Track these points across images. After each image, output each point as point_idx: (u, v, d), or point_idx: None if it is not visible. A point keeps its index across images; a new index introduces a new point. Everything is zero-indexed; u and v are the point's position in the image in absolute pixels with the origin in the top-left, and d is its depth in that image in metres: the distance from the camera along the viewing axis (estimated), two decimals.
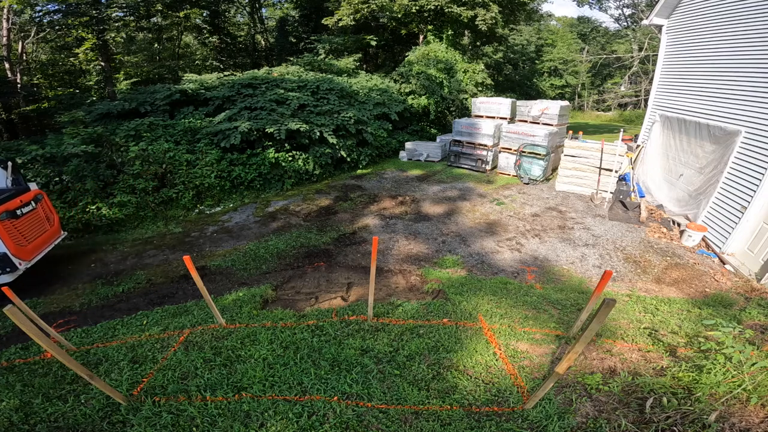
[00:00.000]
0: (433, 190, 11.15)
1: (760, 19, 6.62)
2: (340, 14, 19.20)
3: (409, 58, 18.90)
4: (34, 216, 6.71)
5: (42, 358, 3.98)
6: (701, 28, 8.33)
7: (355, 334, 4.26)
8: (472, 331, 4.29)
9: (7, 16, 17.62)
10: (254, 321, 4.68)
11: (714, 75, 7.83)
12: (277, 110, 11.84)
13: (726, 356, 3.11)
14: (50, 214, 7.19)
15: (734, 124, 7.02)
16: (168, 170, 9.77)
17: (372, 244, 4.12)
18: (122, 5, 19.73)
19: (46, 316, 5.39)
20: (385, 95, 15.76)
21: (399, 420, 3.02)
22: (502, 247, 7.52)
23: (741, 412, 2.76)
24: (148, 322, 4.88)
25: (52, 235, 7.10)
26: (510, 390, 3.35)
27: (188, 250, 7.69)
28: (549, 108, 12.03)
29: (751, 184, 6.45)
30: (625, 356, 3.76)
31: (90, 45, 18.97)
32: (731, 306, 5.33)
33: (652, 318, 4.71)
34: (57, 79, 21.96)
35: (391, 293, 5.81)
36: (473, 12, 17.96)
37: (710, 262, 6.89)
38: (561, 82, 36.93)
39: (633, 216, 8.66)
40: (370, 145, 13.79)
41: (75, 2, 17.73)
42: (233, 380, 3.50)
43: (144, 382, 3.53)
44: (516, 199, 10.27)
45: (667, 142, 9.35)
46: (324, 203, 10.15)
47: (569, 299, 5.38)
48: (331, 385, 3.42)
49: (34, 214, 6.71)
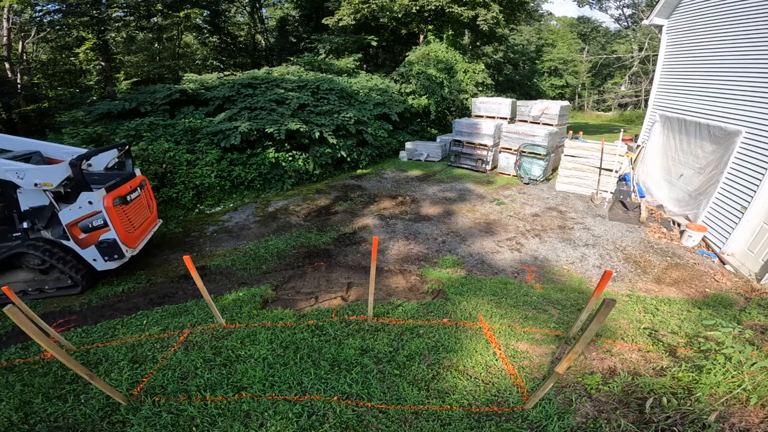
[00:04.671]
0: (433, 190, 11.15)
1: (760, 19, 6.62)
2: (340, 14, 19.20)
3: (409, 58, 18.89)
4: (140, 202, 6.74)
5: (42, 358, 3.98)
6: (701, 28, 8.33)
7: (355, 334, 4.26)
8: (472, 331, 4.29)
9: (8, 16, 17.62)
10: (254, 321, 4.68)
11: (714, 75, 7.83)
12: (277, 110, 11.84)
13: (726, 356, 3.11)
14: (150, 201, 7.18)
15: (734, 124, 7.02)
16: (168, 170, 9.77)
17: (372, 244, 4.12)
18: (122, 5, 19.74)
19: (46, 316, 5.39)
20: (386, 95, 15.75)
21: (399, 420, 3.02)
22: (502, 247, 7.52)
23: (741, 412, 2.76)
24: (148, 322, 4.88)
25: (152, 222, 7.09)
26: (510, 390, 3.35)
27: (188, 249, 7.69)
28: (549, 108, 12.03)
29: (751, 184, 6.45)
30: (625, 356, 3.76)
31: (90, 45, 18.99)
32: (731, 306, 5.33)
33: (652, 318, 4.71)
34: (57, 78, 21.96)
35: (391, 293, 5.81)
36: (474, 12, 17.95)
37: (710, 263, 6.89)
38: (561, 82, 36.91)
39: (633, 216, 8.66)
40: (370, 145, 13.79)
41: (75, 2, 17.74)
42: (233, 380, 3.50)
43: (144, 382, 3.53)
44: (516, 199, 10.27)
45: (668, 142, 9.35)
46: (324, 203, 10.15)
47: (569, 299, 5.38)
48: (331, 385, 3.42)
49: (140, 201, 6.73)
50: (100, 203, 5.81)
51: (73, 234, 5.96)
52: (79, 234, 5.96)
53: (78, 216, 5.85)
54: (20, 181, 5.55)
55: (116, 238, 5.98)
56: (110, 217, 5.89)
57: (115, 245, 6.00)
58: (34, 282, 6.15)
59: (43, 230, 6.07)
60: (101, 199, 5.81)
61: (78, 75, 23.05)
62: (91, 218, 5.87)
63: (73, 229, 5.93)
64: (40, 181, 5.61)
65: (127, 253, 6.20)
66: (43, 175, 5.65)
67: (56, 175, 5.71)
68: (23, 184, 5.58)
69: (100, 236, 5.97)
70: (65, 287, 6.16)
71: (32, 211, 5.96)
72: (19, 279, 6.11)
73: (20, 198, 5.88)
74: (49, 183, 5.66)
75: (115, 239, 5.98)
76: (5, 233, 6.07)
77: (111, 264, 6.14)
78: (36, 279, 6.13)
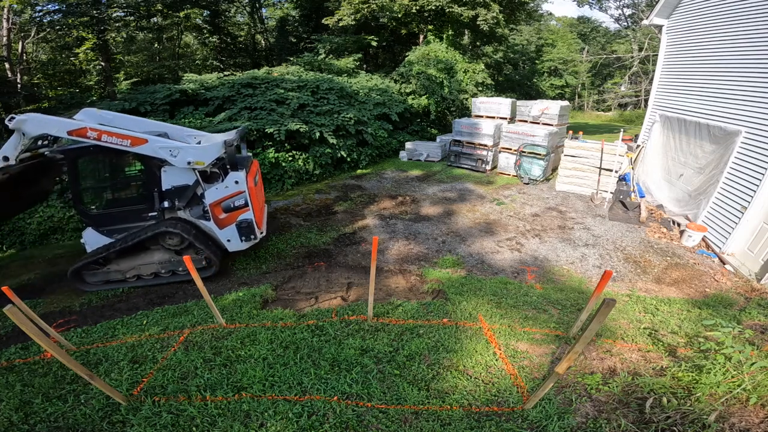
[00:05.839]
0: (433, 190, 11.15)
1: (760, 19, 6.62)
2: (340, 14, 19.19)
3: (409, 58, 18.89)
4: (261, 185, 6.88)
5: (42, 358, 3.98)
6: (701, 28, 8.33)
7: (355, 334, 4.25)
8: (472, 331, 4.29)
9: (7, 16, 17.60)
10: (254, 321, 4.68)
11: (714, 75, 7.83)
12: (276, 110, 11.84)
13: (726, 356, 3.11)
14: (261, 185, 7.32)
15: (734, 124, 7.02)
16: None
17: (372, 244, 4.12)
18: (122, 5, 19.72)
19: (46, 316, 5.38)
20: (386, 95, 15.75)
21: (399, 420, 3.02)
22: (502, 247, 7.52)
23: (741, 412, 2.76)
24: (148, 322, 4.87)
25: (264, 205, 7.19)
26: (510, 390, 3.35)
27: None
28: (549, 108, 12.03)
29: (751, 184, 6.45)
30: (625, 356, 3.76)
31: (90, 45, 18.96)
32: (731, 306, 5.33)
33: (652, 318, 4.71)
34: (57, 78, 21.92)
35: (391, 293, 5.81)
36: (474, 12, 17.95)
37: (710, 262, 6.89)
38: (561, 82, 36.89)
39: (633, 216, 8.66)
40: (370, 145, 13.79)
41: (75, 2, 17.72)
42: (233, 380, 3.50)
43: (144, 382, 3.53)
44: (516, 199, 10.27)
45: (667, 142, 9.35)
46: (324, 203, 10.14)
47: (569, 299, 5.38)
48: (331, 385, 3.42)
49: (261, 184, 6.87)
50: (244, 183, 5.92)
51: (214, 214, 6.01)
52: (220, 214, 6.02)
53: (223, 195, 5.93)
54: (173, 159, 5.56)
55: (252, 218, 6.08)
56: (250, 198, 6.02)
57: (251, 226, 6.11)
58: (169, 263, 6.21)
59: (182, 210, 6.07)
60: (245, 180, 5.91)
61: (78, 75, 23.02)
62: (233, 198, 5.96)
63: (215, 208, 5.99)
64: (193, 159, 5.64)
65: (258, 235, 6.31)
66: (197, 154, 5.68)
67: (209, 154, 5.76)
68: (176, 162, 5.59)
69: (238, 217, 6.04)
70: (199, 269, 6.19)
71: (174, 191, 5.96)
72: (154, 260, 6.16)
73: (163, 176, 5.88)
74: (201, 162, 5.69)
75: (252, 220, 6.08)
76: (140, 212, 6.08)
77: (244, 245, 6.23)
78: (172, 260, 6.18)
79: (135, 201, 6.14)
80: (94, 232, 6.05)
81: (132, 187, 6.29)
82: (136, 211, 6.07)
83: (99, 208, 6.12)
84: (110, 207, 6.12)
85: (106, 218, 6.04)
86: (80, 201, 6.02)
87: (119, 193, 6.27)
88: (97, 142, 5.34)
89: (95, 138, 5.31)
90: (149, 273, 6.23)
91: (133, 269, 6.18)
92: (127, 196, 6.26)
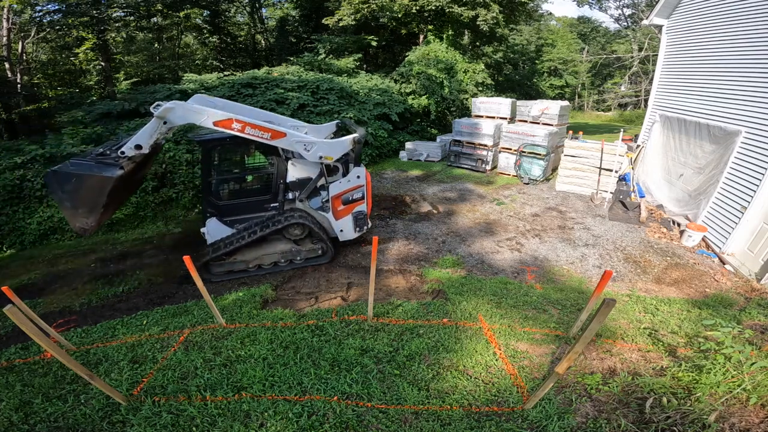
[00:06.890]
0: (433, 190, 11.15)
1: (760, 19, 6.62)
2: (340, 14, 19.19)
3: (409, 58, 18.88)
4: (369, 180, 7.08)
5: (42, 358, 3.98)
6: (701, 28, 8.33)
7: (355, 334, 4.26)
8: (472, 331, 4.29)
9: (7, 16, 17.60)
10: (254, 321, 4.68)
11: (714, 75, 7.83)
12: (276, 110, 11.83)
13: (726, 356, 3.11)
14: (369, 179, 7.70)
15: (734, 124, 7.02)
16: (168, 170, 9.77)
17: (372, 243, 4.12)
18: (122, 5, 19.72)
19: (46, 316, 5.37)
20: (386, 95, 15.74)
21: (399, 420, 3.02)
22: (502, 247, 7.52)
23: (741, 412, 2.76)
24: (148, 322, 4.88)
25: None
26: (510, 390, 3.35)
27: (188, 250, 7.67)
28: (549, 108, 12.03)
29: (751, 184, 6.45)
30: (625, 356, 3.76)
31: (90, 45, 18.95)
32: (731, 306, 5.33)
33: (652, 318, 4.71)
34: (57, 78, 21.92)
35: (391, 293, 5.81)
36: (474, 12, 17.94)
37: (710, 262, 6.89)
38: (561, 82, 36.88)
39: (633, 216, 8.66)
40: (370, 145, 13.78)
41: (75, 2, 17.72)
42: (233, 380, 3.50)
43: (144, 382, 3.53)
44: (516, 199, 10.27)
45: (667, 142, 9.35)
46: None
47: (569, 299, 5.38)
48: (331, 385, 3.42)
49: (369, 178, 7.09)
50: (365, 178, 6.20)
51: (333, 205, 6.24)
52: (339, 206, 6.25)
53: (345, 188, 6.17)
54: (306, 154, 5.68)
55: (365, 210, 6.40)
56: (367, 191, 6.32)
57: (365, 217, 6.44)
58: (289, 253, 6.39)
59: (302, 202, 6.27)
60: (365, 175, 6.19)
61: (78, 75, 23.02)
62: (353, 191, 6.22)
63: (335, 200, 6.21)
64: (323, 154, 5.79)
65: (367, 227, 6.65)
66: (328, 149, 5.83)
67: (339, 149, 5.92)
68: (309, 156, 5.71)
69: (355, 208, 6.34)
70: (314, 257, 6.49)
71: (297, 182, 6.17)
72: (276, 250, 6.33)
73: (290, 169, 6.06)
74: (331, 157, 5.86)
75: (365, 212, 6.39)
76: (263, 203, 6.24)
77: (356, 234, 6.54)
78: (292, 250, 6.37)
79: (259, 192, 6.33)
80: (218, 223, 6.17)
81: (257, 178, 6.47)
82: (259, 202, 6.25)
83: (225, 198, 6.26)
84: (236, 197, 6.28)
85: (232, 208, 6.21)
86: (211, 191, 6.13)
87: (245, 183, 6.46)
88: (239, 134, 5.33)
89: (239, 129, 5.30)
90: (270, 262, 6.42)
91: (256, 259, 6.35)
92: (252, 186, 6.44)
